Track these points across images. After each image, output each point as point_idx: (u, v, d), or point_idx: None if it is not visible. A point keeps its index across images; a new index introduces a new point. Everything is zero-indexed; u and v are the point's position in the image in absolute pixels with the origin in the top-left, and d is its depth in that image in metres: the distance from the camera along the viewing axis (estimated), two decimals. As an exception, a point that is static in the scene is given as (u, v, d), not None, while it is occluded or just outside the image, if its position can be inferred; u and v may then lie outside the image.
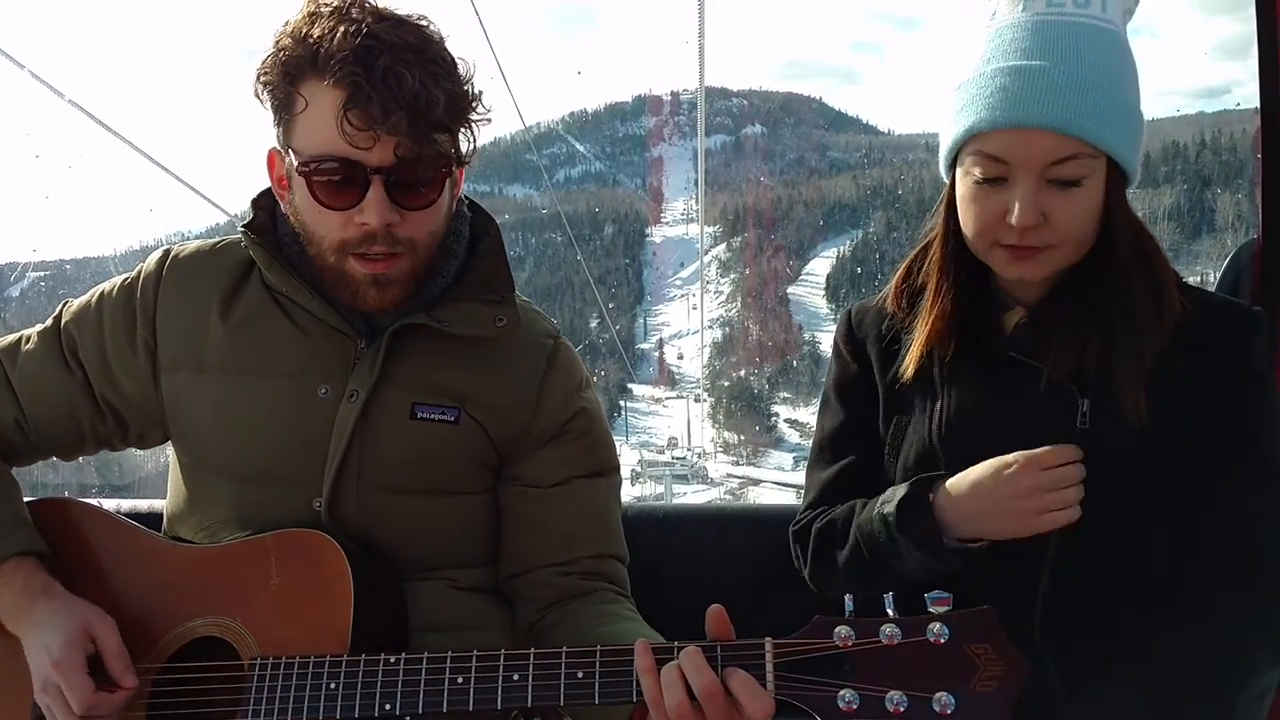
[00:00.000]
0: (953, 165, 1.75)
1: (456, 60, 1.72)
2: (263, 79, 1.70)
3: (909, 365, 1.81)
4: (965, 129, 1.65)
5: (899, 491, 1.70)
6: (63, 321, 1.93)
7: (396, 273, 1.73)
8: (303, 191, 1.69)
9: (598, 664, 1.45)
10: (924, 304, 1.82)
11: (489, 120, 1.75)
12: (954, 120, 1.69)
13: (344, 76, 1.60)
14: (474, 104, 1.73)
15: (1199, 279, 2.60)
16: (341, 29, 1.62)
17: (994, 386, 1.76)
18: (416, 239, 1.73)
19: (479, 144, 1.76)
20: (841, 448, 1.94)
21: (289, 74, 1.66)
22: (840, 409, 1.97)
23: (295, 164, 1.68)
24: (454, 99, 1.67)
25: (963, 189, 1.71)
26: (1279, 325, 1.96)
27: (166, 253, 1.94)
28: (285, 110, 1.69)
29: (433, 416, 1.81)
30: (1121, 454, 1.67)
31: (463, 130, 1.73)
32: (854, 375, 1.95)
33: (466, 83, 1.72)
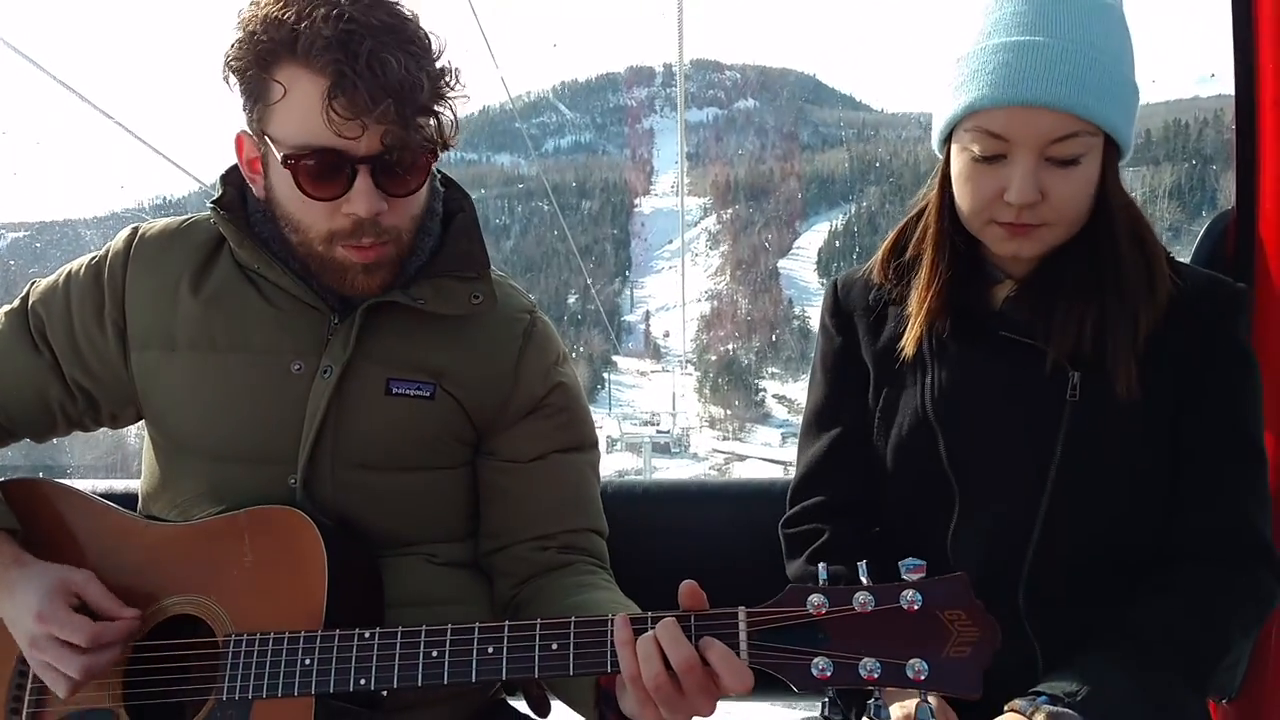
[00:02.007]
0: (946, 140, 1.74)
1: (430, 36, 1.68)
2: (233, 64, 1.66)
3: (908, 345, 1.81)
4: (966, 105, 1.64)
5: None
6: (30, 302, 1.91)
7: (384, 259, 1.72)
8: (287, 182, 1.66)
9: (572, 636, 1.45)
10: (918, 279, 1.82)
11: (467, 98, 1.73)
12: (953, 95, 1.67)
13: (327, 64, 1.56)
14: (453, 82, 1.69)
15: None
16: (319, 12, 1.58)
17: (985, 358, 1.78)
18: (401, 226, 1.72)
19: (465, 114, 1.73)
20: (829, 422, 1.94)
21: (263, 60, 1.62)
22: (825, 383, 1.96)
23: (278, 155, 1.65)
24: (434, 80, 1.64)
25: (959, 165, 1.70)
26: (1256, 295, 2.02)
27: (134, 230, 1.91)
28: (259, 98, 1.65)
29: (408, 392, 1.78)
30: (1109, 426, 1.70)
31: (444, 111, 1.69)
32: (840, 348, 1.95)
33: (439, 58, 1.68)
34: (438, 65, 1.66)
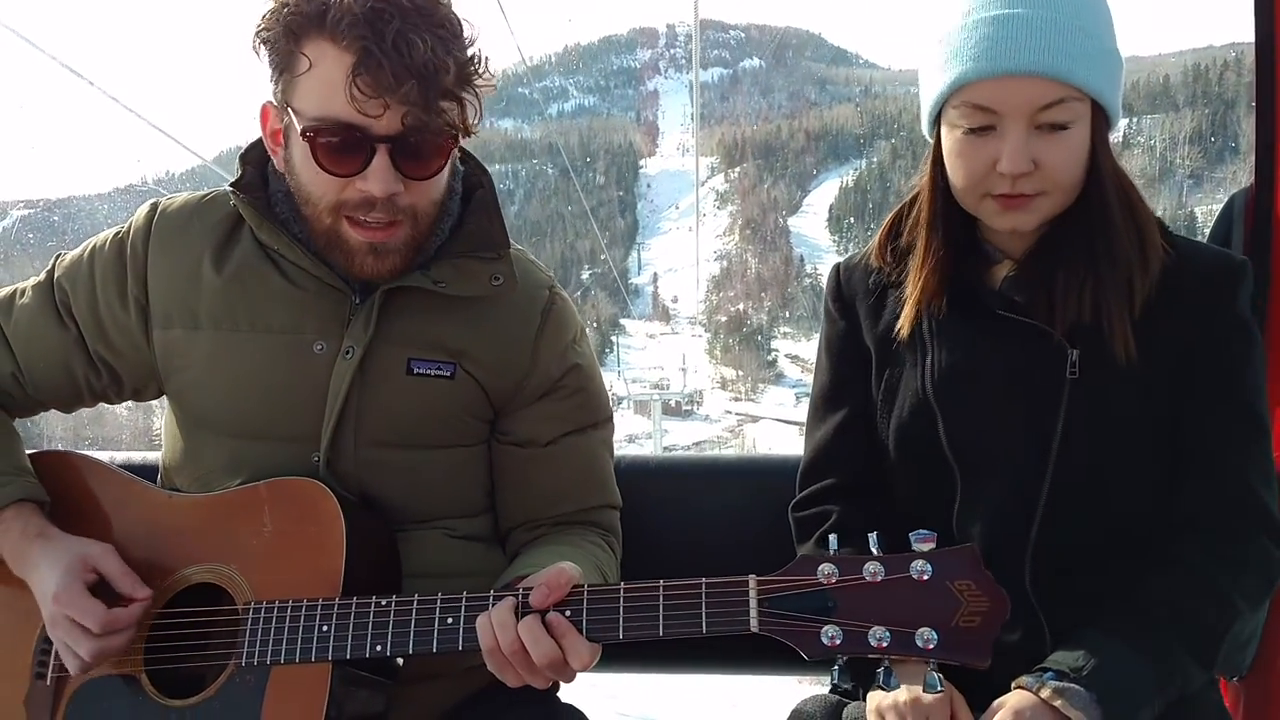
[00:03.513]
0: (935, 122, 1.75)
1: (462, 22, 1.67)
2: (263, 34, 1.66)
3: (904, 324, 1.82)
4: (951, 81, 1.65)
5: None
6: (55, 275, 1.93)
7: (395, 241, 1.72)
8: (304, 153, 1.66)
9: (585, 603, 1.48)
10: (914, 261, 1.83)
11: (494, 87, 1.73)
12: (939, 73, 1.68)
13: (354, 40, 1.56)
14: (482, 70, 1.69)
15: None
16: None
17: (984, 339, 1.79)
18: (418, 206, 1.71)
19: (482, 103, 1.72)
20: (834, 406, 1.96)
21: (292, 32, 1.62)
22: (830, 367, 1.99)
23: (298, 126, 1.65)
24: (462, 66, 1.64)
25: (949, 142, 1.71)
26: (1273, 274, 2.05)
27: (154, 206, 1.92)
28: (286, 69, 1.65)
29: (429, 372, 1.80)
30: (1110, 403, 1.71)
31: (469, 97, 1.69)
32: (842, 332, 1.97)
33: (471, 45, 1.68)
34: (468, 52, 1.65)
